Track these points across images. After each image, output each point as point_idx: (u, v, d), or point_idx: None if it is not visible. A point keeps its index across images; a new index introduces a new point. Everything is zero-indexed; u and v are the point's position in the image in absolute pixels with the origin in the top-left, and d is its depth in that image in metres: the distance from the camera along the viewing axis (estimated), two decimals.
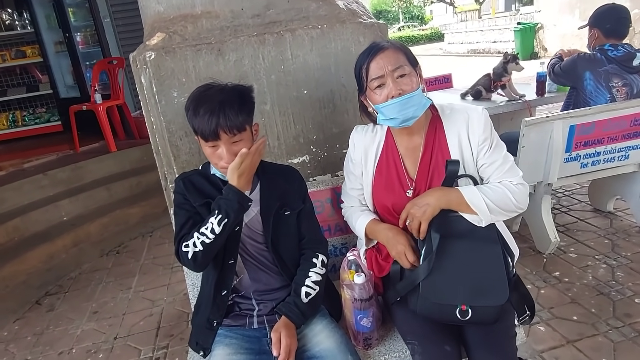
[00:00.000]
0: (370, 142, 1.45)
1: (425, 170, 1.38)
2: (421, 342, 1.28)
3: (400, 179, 1.41)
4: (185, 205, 1.35)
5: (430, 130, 1.39)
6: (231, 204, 1.24)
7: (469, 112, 1.35)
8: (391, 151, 1.43)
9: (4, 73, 5.93)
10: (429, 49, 20.90)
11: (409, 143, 1.41)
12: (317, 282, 1.39)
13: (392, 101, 1.28)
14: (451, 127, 1.36)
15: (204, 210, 1.32)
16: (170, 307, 2.70)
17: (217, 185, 1.36)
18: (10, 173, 4.43)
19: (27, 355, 2.44)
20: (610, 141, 2.55)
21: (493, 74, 3.18)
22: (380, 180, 1.44)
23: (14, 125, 5.78)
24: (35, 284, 3.24)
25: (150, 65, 1.62)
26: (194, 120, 1.25)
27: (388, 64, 1.27)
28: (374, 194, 1.46)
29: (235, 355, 1.29)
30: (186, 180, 1.37)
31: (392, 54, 1.29)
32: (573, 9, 9.95)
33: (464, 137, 1.34)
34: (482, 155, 1.34)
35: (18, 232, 3.69)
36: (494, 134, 1.36)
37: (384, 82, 1.28)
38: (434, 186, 1.35)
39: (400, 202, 1.38)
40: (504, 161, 1.34)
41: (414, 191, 1.38)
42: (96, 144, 4.99)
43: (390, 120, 1.32)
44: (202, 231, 1.24)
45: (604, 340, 1.97)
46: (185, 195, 1.34)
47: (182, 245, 1.27)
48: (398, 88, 1.27)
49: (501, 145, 1.36)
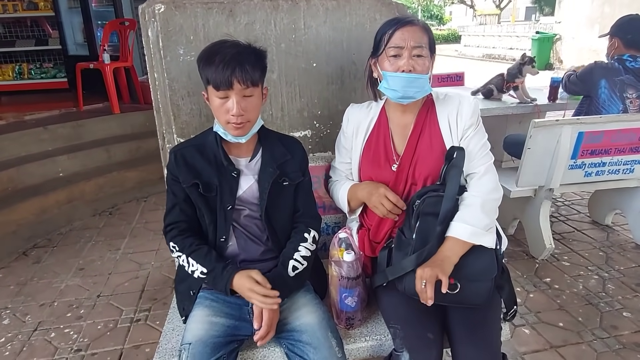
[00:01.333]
0: (364, 117, 1.49)
1: (412, 147, 1.40)
2: (403, 327, 1.26)
3: (387, 153, 1.44)
4: (174, 186, 1.33)
5: (422, 110, 1.42)
6: (215, 287, 1.29)
7: (461, 99, 1.40)
8: (382, 127, 1.46)
9: (15, 23, 5.86)
10: (444, 50, 20.72)
11: (400, 120, 1.44)
12: (306, 257, 1.37)
13: (401, 74, 1.30)
14: (443, 111, 1.40)
15: (192, 191, 1.31)
16: (156, 272, 2.69)
17: (209, 160, 1.32)
18: (10, 123, 4.40)
19: (8, 303, 2.43)
20: (617, 152, 2.51)
21: (507, 74, 3.14)
22: (369, 154, 1.47)
23: (20, 78, 5.72)
24: (25, 235, 3.22)
25: (158, 18, 1.58)
26: (207, 69, 1.22)
27: (411, 39, 1.29)
28: (361, 166, 1.49)
29: (214, 317, 1.27)
30: (178, 153, 1.33)
31: (418, 31, 1.31)
32: (593, 23, 9.84)
33: (452, 119, 1.38)
34: (465, 137, 1.37)
35: (12, 182, 3.66)
36: (480, 121, 1.40)
37: (400, 53, 1.30)
38: (419, 162, 1.38)
39: (385, 176, 1.42)
40: (482, 145, 1.38)
41: (399, 166, 1.41)
42: (100, 105, 4.95)
43: (390, 91, 1.35)
44: (189, 260, 1.29)
45: (587, 349, 1.95)
46: (175, 172, 1.32)
47: (168, 237, 1.34)
48: (411, 65, 1.29)
49: (483, 132, 1.40)
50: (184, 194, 1.33)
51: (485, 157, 1.37)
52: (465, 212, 1.28)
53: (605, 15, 9.28)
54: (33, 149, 4.04)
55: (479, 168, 1.36)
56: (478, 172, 1.36)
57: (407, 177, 1.40)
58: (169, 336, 1.40)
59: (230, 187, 1.33)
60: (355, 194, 1.47)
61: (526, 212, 2.75)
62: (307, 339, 1.24)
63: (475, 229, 1.25)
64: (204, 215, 1.34)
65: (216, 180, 1.31)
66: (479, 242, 1.25)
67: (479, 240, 1.25)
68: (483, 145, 1.38)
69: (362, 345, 1.35)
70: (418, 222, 1.29)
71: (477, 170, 1.36)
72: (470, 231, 1.24)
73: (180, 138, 1.73)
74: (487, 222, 1.28)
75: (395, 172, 1.41)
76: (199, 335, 1.21)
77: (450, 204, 1.27)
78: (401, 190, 1.41)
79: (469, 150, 1.35)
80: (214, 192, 1.32)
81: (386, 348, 1.34)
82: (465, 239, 1.24)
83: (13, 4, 5.49)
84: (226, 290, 1.25)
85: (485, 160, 1.37)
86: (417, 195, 1.34)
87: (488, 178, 1.35)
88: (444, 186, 1.31)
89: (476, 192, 1.33)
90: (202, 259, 1.28)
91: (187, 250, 1.30)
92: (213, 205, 1.34)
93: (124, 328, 2.19)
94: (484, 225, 1.27)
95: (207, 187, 1.31)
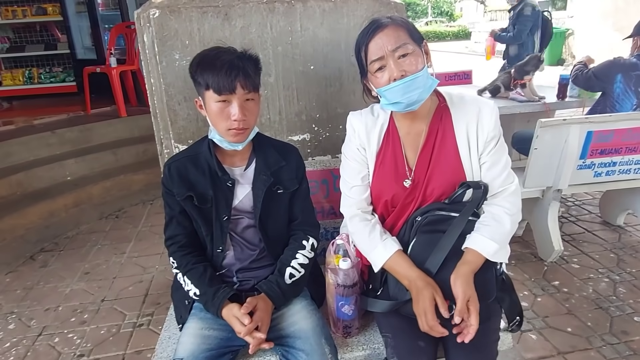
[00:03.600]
0: (372, 125, 1.31)
1: (426, 160, 1.26)
2: (395, 336, 1.23)
3: (399, 167, 1.29)
4: (169, 199, 1.33)
5: (435, 117, 1.27)
6: (207, 310, 1.29)
7: (481, 106, 1.25)
8: (392, 137, 1.30)
9: (24, 29, 5.94)
10: (454, 46, 20.51)
11: (410, 128, 1.29)
12: (303, 264, 1.35)
13: (395, 84, 1.15)
14: (460, 118, 1.25)
15: (186, 203, 1.30)
16: (160, 276, 2.69)
17: (203, 171, 1.30)
18: (20, 128, 4.45)
19: (14, 308, 2.45)
20: (628, 152, 2.44)
21: (515, 71, 3.07)
22: (380, 168, 1.31)
23: (30, 82, 5.80)
24: (32, 239, 3.25)
25: (153, 23, 1.56)
26: (206, 74, 1.19)
27: (388, 44, 1.15)
28: (373, 184, 1.33)
29: (207, 330, 1.26)
30: (172, 166, 1.31)
31: (392, 31, 1.16)
32: (607, 18, 9.63)
33: (472, 130, 1.24)
34: (487, 152, 1.24)
35: (21, 187, 3.71)
36: (501, 132, 1.27)
37: (384, 63, 1.16)
38: (433, 178, 1.25)
39: (397, 193, 1.28)
40: (505, 165, 1.26)
41: (412, 182, 1.27)
42: (107, 108, 4.99)
43: (394, 105, 1.20)
44: (184, 279, 1.30)
45: (596, 355, 1.90)
46: (169, 186, 1.31)
47: (169, 252, 1.35)
48: (400, 69, 1.14)
49: (504, 146, 1.28)
50: (179, 207, 1.32)
51: (510, 176, 1.26)
52: (494, 229, 1.19)
53: (619, 9, 9.07)
54: (41, 153, 4.09)
55: (509, 186, 1.25)
56: (508, 189, 1.25)
57: (419, 194, 1.27)
58: (165, 344, 1.39)
59: (226, 198, 1.31)
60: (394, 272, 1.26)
61: (534, 213, 2.69)
62: (301, 345, 1.22)
63: (500, 248, 1.18)
64: (200, 227, 1.33)
65: (211, 191, 1.30)
66: (498, 260, 1.19)
67: (499, 258, 1.19)
68: (507, 162, 1.26)
69: (358, 354, 1.32)
70: (415, 240, 1.24)
71: (506, 187, 1.26)
72: (495, 249, 1.17)
73: (177, 143, 1.73)
74: (507, 241, 1.22)
75: (408, 189, 1.27)
76: (191, 349, 1.19)
77: (442, 255, 1.19)
78: (412, 208, 1.28)
79: (496, 172, 1.25)
80: (209, 203, 1.30)
81: (383, 357, 1.31)
82: (489, 257, 1.16)
83: (22, 9, 5.58)
84: (217, 315, 1.25)
85: (512, 178, 1.26)
86: (421, 211, 1.25)
87: (517, 197, 1.26)
88: (451, 205, 1.24)
89: (507, 209, 1.23)
90: (197, 280, 1.28)
91: (183, 268, 1.30)
92: (209, 217, 1.32)
93: (127, 333, 2.19)
94: (506, 245, 1.21)
95: (201, 199, 1.30)
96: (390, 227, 1.33)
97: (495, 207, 1.24)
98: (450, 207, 1.24)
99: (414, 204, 1.28)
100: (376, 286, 1.33)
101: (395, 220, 1.32)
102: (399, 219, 1.31)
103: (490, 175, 1.25)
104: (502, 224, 1.20)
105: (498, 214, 1.22)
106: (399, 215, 1.31)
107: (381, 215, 1.35)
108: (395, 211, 1.31)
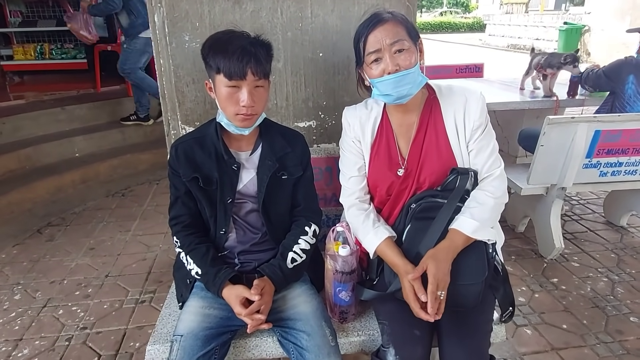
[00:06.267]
0: (365, 118, 1.39)
1: (417, 150, 1.33)
2: (391, 323, 1.25)
3: (392, 157, 1.36)
4: (175, 180, 1.35)
5: (425, 109, 1.34)
6: (208, 290, 1.31)
7: (467, 95, 1.31)
8: (385, 129, 1.38)
9: (37, 3, 5.93)
10: (468, 38, 20.26)
11: (402, 120, 1.36)
12: (305, 250, 1.37)
13: (387, 77, 1.22)
14: (449, 108, 1.32)
15: (192, 184, 1.32)
16: (164, 255, 2.73)
17: (210, 153, 1.32)
18: (30, 103, 4.49)
19: (21, 279, 2.51)
20: (635, 153, 2.43)
21: (545, 61, 3.00)
22: (375, 158, 1.38)
23: (41, 57, 5.80)
24: (40, 213, 3.31)
25: (164, 4, 1.57)
26: (218, 58, 1.19)
27: (386, 38, 1.21)
28: (369, 174, 1.40)
29: (207, 309, 1.29)
30: (179, 148, 1.33)
31: (391, 27, 1.22)
32: (624, 15, 9.47)
33: (459, 119, 1.30)
34: (474, 140, 1.30)
35: (30, 161, 3.76)
36: (488, 119, 1.32)
37: (380, 56, 1.22)
38: (425, 166, 1.32)
39: (391, 181, 1.34)
40: (491, 151, 1.31)
41: (405, 171, 1.33)
42: (117, 87, 5.02)
43: (385, 97, 1.28)
44: (187, 258, 1.32)
45: (590, 353, 1.92)
46: (175, 167, 1.33)
47: (172, 231, 1.37)
48: (395, 64, 1.21)
49: (492, 133, 1.33)
50: (185, 188, 1.34)
51: (497, 161, 1.31)
52: (476, 210, 1.24)
53: (637, 6, 8.91)
54: (51, 128, 4.14)
55: (494, 170, 1.30)
56: (493, 174, 1.30)
57: (413, 182, 1.33)
58: (165, 321, 1.43)
59: (231, 181, 1.33)
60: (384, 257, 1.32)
61: (537, 210, 2.69)
62: (301, 327, 1.25)
63: (480, 225, 1.22)
64: (204, 208, 1.36)
65: (216, 173, 1.32)
66: (480, 237, 1.22)
67: (481, 236, 1.22)
68: (494, 148, 1.32)
69: (354, 340, 1.34)
70: (409, 226, 1.27)
71: (491, 172, 1.31)
72: (475, 227, 1.21)
73: (184, 125, 1.74)
74: (491, 224, 1.27)
75: (401, 178, 1.34)
76: (191, 327, 1.22)
77: (432, 240, 1.23)
78: (407, 196, 1.34)
79: (483, 157, 1.30)
80: (214, 185, 1.32)
81: (378, 344, 1.34)
82: (469, 234, 1.21)
83: None
84: (218, 295, 1.27)
85: (498, 163, 1.32)
86: (415, 199, 1.31)
87: (501, 181, 1.31)
88: (443, 192, 1.28)
89: (490, 192, 1.27)
90: (199, 260, 1.30)
91: (186, 248, 1.33)
92: (213, 199, 1.34)
93: (129, 309, 2.24)
94: (488, 225, 1.25)
95: (207, 181, 1.32)
96: (387, 215, 1.39)
97: (478, 191, 1.30)
98: (442, 194, 1.29)
99: (408, 191, 1.34)
100: (372, 276, 1.37)
101: (392, 209, 1.38)
102: (395, 207, 1.37)
103: (477, 162, 1.31)
104: (483, 205, 1.25)
105: (480, 197, 1.28)
106: (394, 204, 1.37)
107: (378, 204, 1.41)
108: (391, 199, 1.37)
